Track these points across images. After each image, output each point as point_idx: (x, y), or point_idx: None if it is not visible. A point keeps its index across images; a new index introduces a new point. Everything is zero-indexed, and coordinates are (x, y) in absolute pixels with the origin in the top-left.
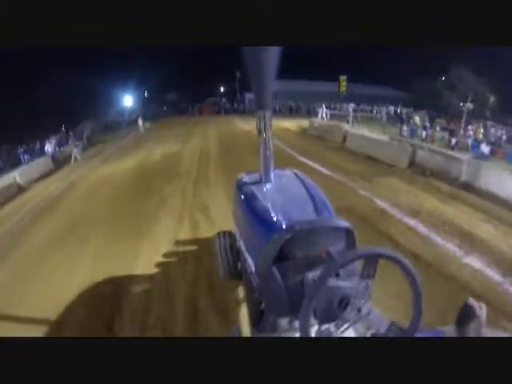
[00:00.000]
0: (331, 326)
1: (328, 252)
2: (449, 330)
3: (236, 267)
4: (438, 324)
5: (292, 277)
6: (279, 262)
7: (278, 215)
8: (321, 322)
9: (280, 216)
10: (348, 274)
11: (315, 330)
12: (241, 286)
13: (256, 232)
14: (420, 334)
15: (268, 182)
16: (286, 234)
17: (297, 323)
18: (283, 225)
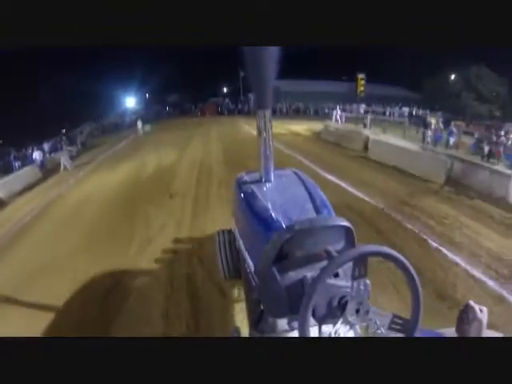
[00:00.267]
0: (330, 326)
1: (327, 251)
2: (450, 333)
3: (235, 266)
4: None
5: (291, 276)
6: (279, 262)
7: (278, 215)
8: (320, 322)
9: (280, 215)
10: (346, 274)
11: (314, 330)
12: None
13: (255, 231)
14: (420, 335)
15: (268, 182)
16: (286, 234)
17: (296, 323)
18: (283, 224)
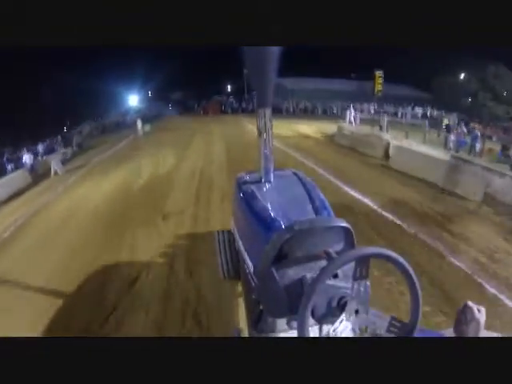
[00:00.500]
0: (329, 327)
1: (327, 252)
2: (448, 333)
3: (234, 267)
4: None
5: (291, 277)
6: (278, 262)
7: (277, 215)
8: (319, 323)
9: (279, 216)
10: (346, 274)
11: (313, 330)
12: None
13: (255, 232)
14: (419, 335)
15: (268, 182)
16: (285, 234)
17: (295, 323)
18: (282, 225)
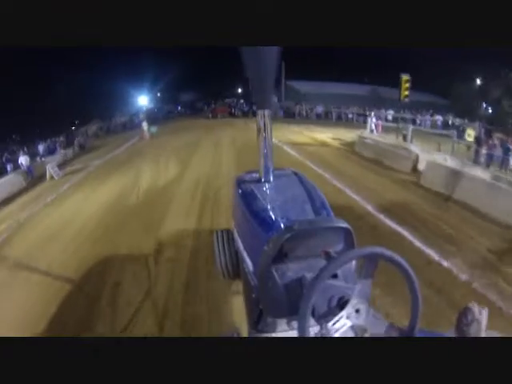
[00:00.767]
0: (329, 325)
1: (326, 252)
2: (449, 334)
3: (233, 266)
4: None
5: (290, 277)
6: (278, 262)
7: (277, 215)
8: (319, 322)
9: (279, 216)
10: (346, 274)
11: (313, 330)
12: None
13: (255, 231)
14: (420, 336)
15: (267, 182)
16: (285, 234)
17: (295, 323)
18: (282, 225)
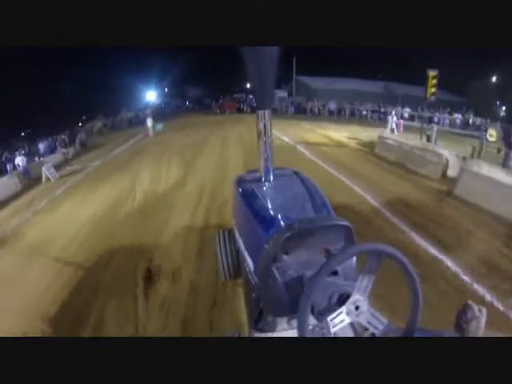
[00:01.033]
0: (328, 320)
1: (327, 250)
2: (448, 333)
3: (235, 266)
4: None
5: (291, 275)
6: (278, 261)
7: (278, 214)
8: (318, 319)
9: (279, 215)
10: (346, 271)
11: (313, 328)
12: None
13: (255, 231)
14: (418, 335)
15: (268, 181)
16: (285, 233)
17: (295, 322)
18: (282, 223)
